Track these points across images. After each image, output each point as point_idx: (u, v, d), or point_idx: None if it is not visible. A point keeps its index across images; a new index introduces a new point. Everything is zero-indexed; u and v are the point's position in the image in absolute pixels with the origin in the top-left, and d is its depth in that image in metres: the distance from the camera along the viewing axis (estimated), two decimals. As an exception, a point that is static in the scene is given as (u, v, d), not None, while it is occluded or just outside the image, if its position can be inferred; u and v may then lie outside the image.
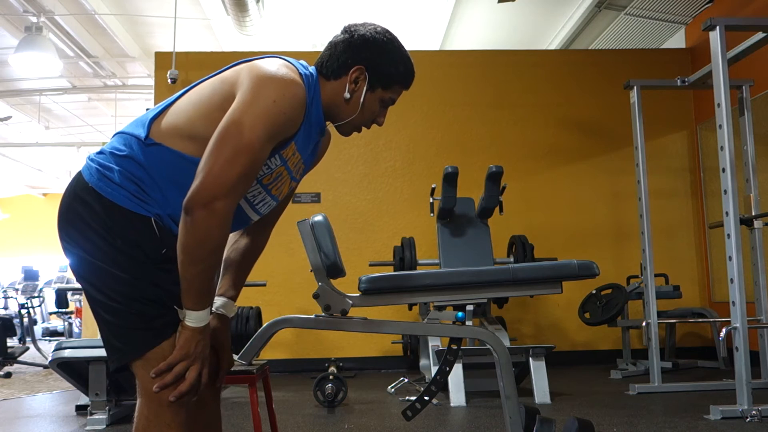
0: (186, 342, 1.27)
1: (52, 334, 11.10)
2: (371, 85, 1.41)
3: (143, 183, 1.31)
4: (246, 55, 1.58)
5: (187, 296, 1.27)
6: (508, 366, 1.64)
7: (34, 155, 11.47)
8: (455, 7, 6.22)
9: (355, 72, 1.39)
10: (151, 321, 1.28)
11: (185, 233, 1.23)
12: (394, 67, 1.42)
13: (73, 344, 3.26)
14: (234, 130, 1.24)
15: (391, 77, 1.42)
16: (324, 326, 1.68)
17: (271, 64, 1.33)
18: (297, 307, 5.42)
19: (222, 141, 1.24)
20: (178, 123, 1.33)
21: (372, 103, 1.43)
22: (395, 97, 1.45)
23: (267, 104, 1.26)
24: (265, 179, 1.38)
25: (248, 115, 1.25)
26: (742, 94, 4.14)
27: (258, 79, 1.28)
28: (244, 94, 1.27)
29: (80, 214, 1.32)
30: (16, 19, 6.36)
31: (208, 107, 1.32)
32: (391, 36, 1.44)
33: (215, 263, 1.28)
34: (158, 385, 1.25)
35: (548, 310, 5.67)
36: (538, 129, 5.91)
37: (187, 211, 1.22)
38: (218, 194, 1.21)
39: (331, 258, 1.67)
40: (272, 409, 2.46)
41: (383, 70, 1.41)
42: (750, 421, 3.03)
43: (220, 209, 1.22)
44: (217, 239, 1.24)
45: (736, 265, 3.24)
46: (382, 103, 1.44)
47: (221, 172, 1.22)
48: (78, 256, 1.32)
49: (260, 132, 1.25)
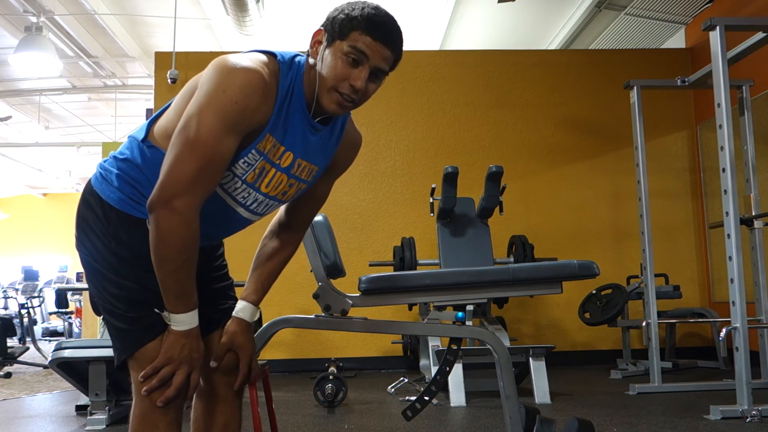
0: (170, 346, 1.28)
1: (52, 334, 11.10)
2: (329, 40, 1.29)
3: (140, 185, 1.32)
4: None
5: (166, 299, 1.27)
6: (508, 366, 1.64)
7: (34, 155, 11.47)
8: (455, 7, 6.22)
9: (316, 34, 1.33)
10: (137, 321, 1.30)
11: (151, 234, 1.23)
12: (348, 13, 1.28)
13: (73, 344, 3.26)
14: (186, 126, 1.22)
15: (345, 23, 1.28)
16: (324, 326, 1.68)
17: (231, 56, 1.28)
18: (297, 307, 5.42)
19: (176, 137, 1.23)
20: (166, 125, 1.33)
21: (335, 58, 1.28)
22: (359, 47, 1.26)
23: (216, 94, 1.22)
24: (249, 177, 1.34)
25: (198, 109, 1.22)
26: (742, 94, 4.14)
27: (211, 72, 1.25)
28: (198, 89, 1.25)
29: (86, 217, 1.35)
30: (16, 19, 6.36)
31: (182, 107, 1.31)
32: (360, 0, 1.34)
33: (185, 263, 1.25)
34: (145, 389, 1.27)
35: (548, 310, 5.67)
36: (538, 129, 5.90)
37: (150, 211, 1.22)
38: (176, 192, 1.20)
39: (331, 258, 1.67)
40: (272, 409, 2.46)
41: (338, 20, 1.29)
42: (750, 421, 3.03)
43: (180, 207, 1.20)
44: (180, 238, 1.22)
45: (736, 265, 3.24)
46: (346, 58, 1.27)
47: (177, 169, 1.21)
48: (83, 258, 1.36)
49: (212, 124, 1.21)
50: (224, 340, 1.46)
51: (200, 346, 1.32)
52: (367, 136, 5.80)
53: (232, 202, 1.38)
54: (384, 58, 1.30)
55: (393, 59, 1.32)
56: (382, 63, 1.30)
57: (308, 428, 3.12)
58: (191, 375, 1.30)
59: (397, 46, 1.31)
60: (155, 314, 1.29)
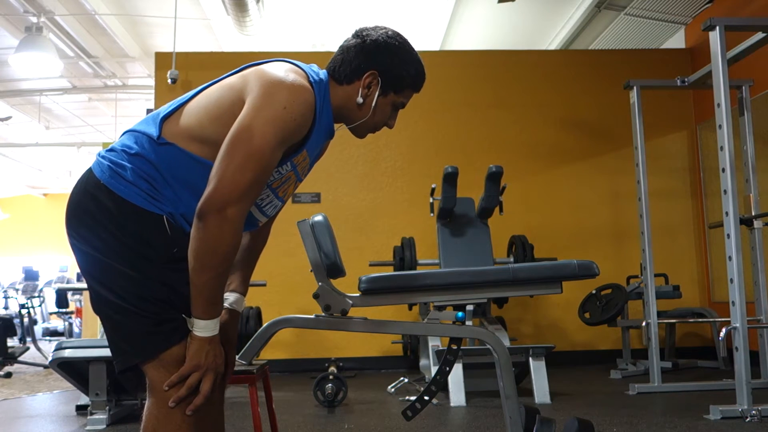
0: (196, 353, 1.26)
1: (53, 334, 11.11)
2: (383, 89, 1.43)
3: (155, 181, 1.31)
4: (246, 55, 1.58)
5: (196, 304, 1.26)
6: (508, 366, 1.64)
7: (34, 155, 11.47)
8: (455, 7, 6.23)
9: (368, 77, 1.41)
10: (161, 324, 1.27)
11: (197, 239, 1.23)
12: (405, 71, 1.44)
13: (74, 344, 3.25)
14: (245, 136, 1.24)
15: (403, 81, 1.44)
16: (324, 326, 1.68)
17: (279, 68, 1.32)
18: (297, 307, 5.42)
19: (233, 147, 1.24)
20: (190, 125, 1.33)
21: (384, 106, 1.45)
22: (406, 101, 1.48)
23: (277, 110, 1.26)
24: (275, 184, 1.39)
25: (258, 121, 1.25)
26: (741, 94, 4.14)
27: (268, 85, 1.28)
28: (254, 100, 1.27)
29: (91, 211, 1.30)
30: (16, 19, 6.36)
31: (217, 111, 1.32)
32: (402, 39, 1.46)
33: (225, 271, 1.27)
34: (173, 400, 1.25)
35: (548, 310, 5.68)
36: (538, 129, 5.91)
37: (200, 217, 1.22)
38: (230, 200, 1.22)
39: (331, 258, 1.67)
40: (272, 409, 2.47)
41: (395, 74, 1.42)
42: (750, 421, 3.03)
43: (232, 215, 1.22)
44: (228, 246, 1.24)
45: (736, 265, 3.24)
46: (393, 107, 1.46)
47: (233, 178, 1.23)
48: (88, 254, 1.30)
49: (270, 138, 1.25)
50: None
51: (222, 352, 1.31)
52: (367, 137, 5.78)
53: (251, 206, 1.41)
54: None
55: None
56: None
57: (308, 428, 3.12)
58: (216, 382, 1.29)
59: None
60: (179, 316, 1.28)
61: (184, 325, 1.28)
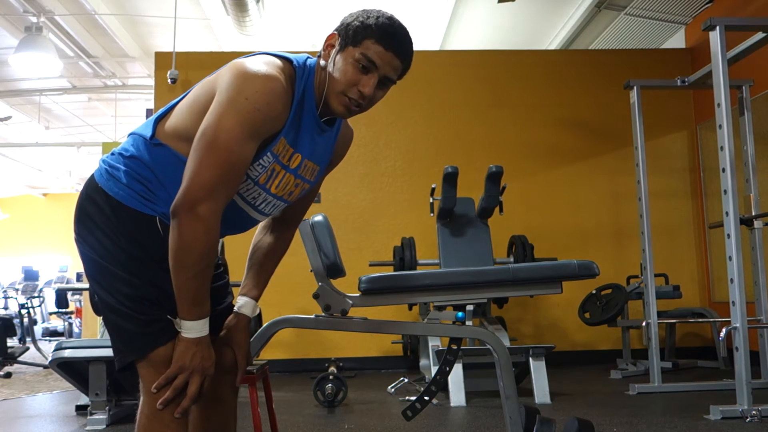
0: (181, 354, 1.26)
1: (52, 334, 11.11)
2: (342, 45, 1.32)
3: (149, 182, 1.32)
4: (245, 55, 1.57)
5: (180, 304, 1.26)
6: (508, 366, 1.64)
7: (34, 155, 11.47)
8: (455, 7, 6.22)
9: (330, 38, 1.35)
10: (150, 324, 1.28)
11: (172, 239, 1.23)
12: (363, 21, 1.31)
13: (73, 344, 3.25)
14: (209, 131, 1.23)
15: (360, 31, 1.31)
16: (324, 326, 1.68)
17: (249, 61, 1.29)
18: (297, 307, 5.42)
19: (198, 144, 1.24)
20: (177, 125, 1.34)
21: (346, 63, 1.31)
22: (370, 55, 1.30)
23: (239, 102, 1.23)
24: (262, 179, 1.36)
25: (222, 115, 1.23)
26: (742, 94, 4.14)
27: (231, 78, 1.26)
28: (219, 95, 1.26)
29: (90, 214, 1.33)
30: (16, 19, 6.36)
31: (197, 107, 1.31)
32: (375, 9, 1.37)
33: (204, 270, 1.25)
34: (161, 402, 1.25)
35: (548, 310, 5.67)
36: (537, 129, 5.90)
37: (173, 216, 1.23)
38: (200, 197, 1.21)
39: (331, 258, 1.67)
40: (272, 409, 2.47)
41: (353, 27, 1.32)
42: (750, 421, 3.03)
43: (204, 212, 1.21)
44: (203, 244, 1.23)
45: (736, 265, 3.24)
46: (357, 63, 1.31)
47: (200, 174, 1.22)
48: (88, 255, 1.33)
49: (235, 131, 1.23)
50: (222, 334, 1.45)
51: (211, 354, 1.30)
52: (367, 136, 5.80)
53: (242, 203, 1.40)
54: (393, 67, 1.33)
55: (402, 69, 1.36)
56: (391, 72, 1.33)
57: (308, 428, 3.12)
58: (204, 383, 1.29)
59: (407, 56, 1.35)
60: (167, 317, 1.29)
61: (172, 325, 1.28)
